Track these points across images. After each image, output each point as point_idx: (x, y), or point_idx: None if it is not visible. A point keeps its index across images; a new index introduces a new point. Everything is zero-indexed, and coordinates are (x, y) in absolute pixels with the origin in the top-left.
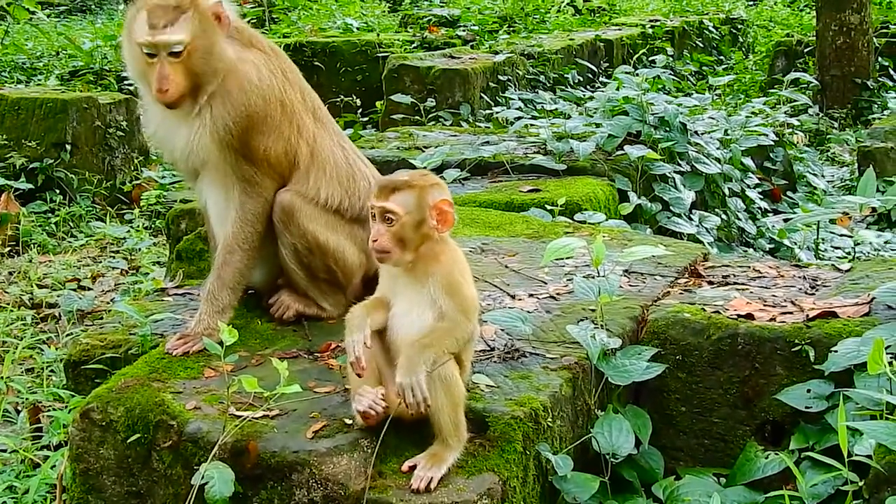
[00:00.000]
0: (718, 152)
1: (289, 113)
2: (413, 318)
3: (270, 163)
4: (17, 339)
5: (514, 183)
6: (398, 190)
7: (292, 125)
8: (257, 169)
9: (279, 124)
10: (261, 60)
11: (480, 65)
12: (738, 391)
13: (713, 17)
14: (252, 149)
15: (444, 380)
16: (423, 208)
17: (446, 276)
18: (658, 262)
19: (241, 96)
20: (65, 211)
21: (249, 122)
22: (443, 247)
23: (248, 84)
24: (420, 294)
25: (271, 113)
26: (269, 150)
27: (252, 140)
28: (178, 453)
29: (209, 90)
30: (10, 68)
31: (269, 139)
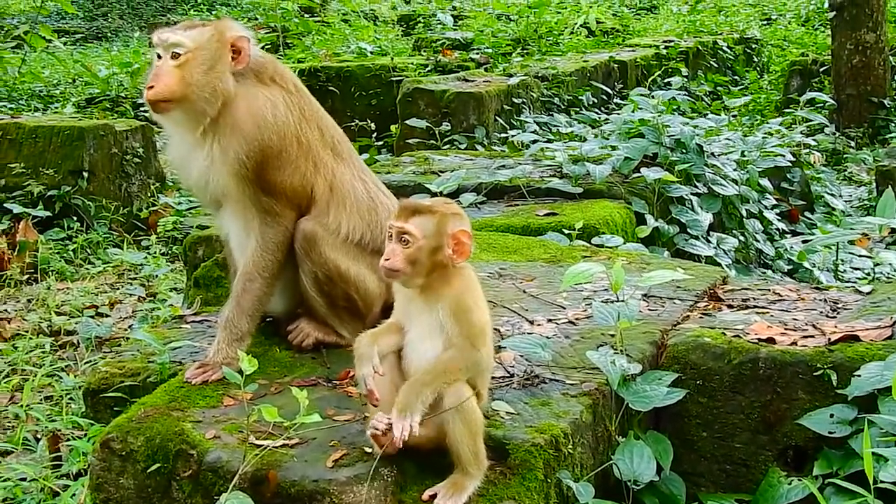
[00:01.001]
0: (735, 174)
1: (305, 149)
2: (426, 345)
3: (288, 195)
4: (36, 366)
5: (530, 207)
6: (419, 213)
7: (308, 161)
8: (276, 201)
9: (295, 159)
10: (278, 98)
11: (494, 87)
12: (760, 416)
13: (727, 37)
14: (269, 182)
15: (460, 409)
16: (442, 235)
17: (455, 300)
18: (677, 285)
19: (254, 131)
20: (82, 238)
21: (263, 157)
22: (457, 272)
23: (262, 120)
24: (431, 319)
25: (287, 148)
26: (285, 183)
27: (268, 174)
28: (198, 483)
29: (208, 114)
30: (28, 96)
31: (284, 173)
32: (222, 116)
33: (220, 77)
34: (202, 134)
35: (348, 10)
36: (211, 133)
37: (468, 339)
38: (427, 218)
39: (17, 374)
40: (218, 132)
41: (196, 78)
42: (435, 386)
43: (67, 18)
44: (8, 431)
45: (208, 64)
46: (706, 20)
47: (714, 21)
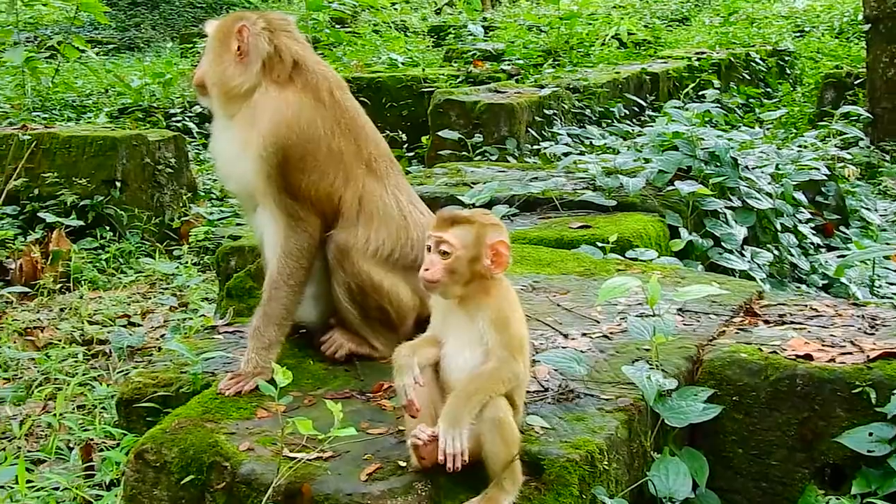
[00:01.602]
0: (770, 187)
1: (336, 159)
2: (466, 356)
3: (313, 201)
4: (69, 375)
5: (563, 219)
6: (458, 224)
7: (338, 170)
8: (300, 205)
9: (322, 166)
10: (307, 102)
11: (526, 99)
12: (797, 433)
13: (760, 49)
14: (292, 184)
15: (496, 423)
16: (480, 246)
17: (495, 311)
18: (712, 300)
19: (272, 128)
20: (115, 247)
21: (284, 157)
22: (495, 283)
23: (283, 119)
24: (470, 331)
25: (312, 153)
26: (310, 188)
27: (291, 176)
28: (232, 495)
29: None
30: (61, 106)
31: (309, 178)
32: (247, 110)
33: (226, 68)
34: (231, 124)
35: (379, 21)
36: (240, 124)
37: (508, 349)
38: (466, 228)
39: (50, 383)
40: (243, 125)
41: (210, 68)
42: (480, 397)
43: (100, 29)
44: (41, 440)
45: (218, 53)
46: (739, 32)
47: (747, 33)
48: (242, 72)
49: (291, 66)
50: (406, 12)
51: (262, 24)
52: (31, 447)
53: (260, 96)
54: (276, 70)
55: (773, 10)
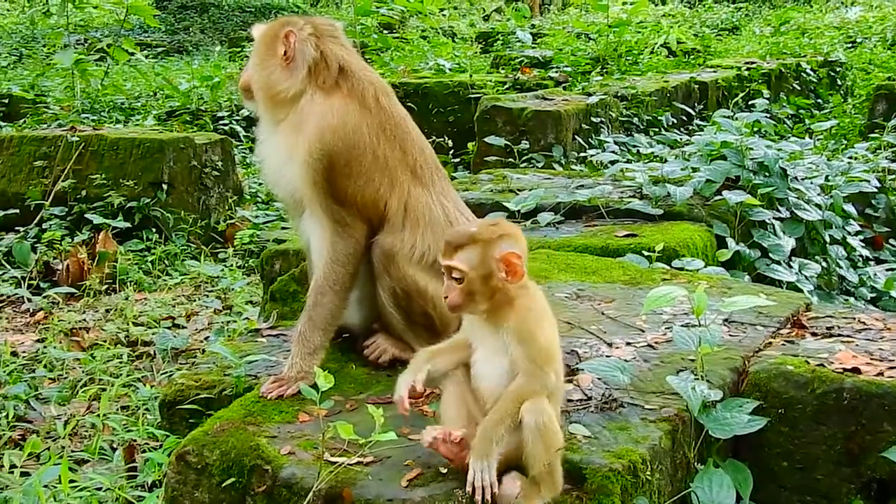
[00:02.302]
0: (819, 198)
1: (381, 165)
2: (494, 364)
3: (359, 206)
4: (114, 376)
5: (609, 227)
6: (461, 247)
7: (383, 177)
8: (347, 211)
9: (367, 172)
10: (352, 108)
11: (573, 106)
12: (843, 447)
13: (811, 59)
14: (337, 189)
15: (538, 427)
16: (489, 263)
17: (519, 324)
18: (759, 311)
19: (317, 134)
20: (160, 249)
21: (329, 162)
22: (519, 292)
23: (327, 126)
24: (496, 341)
25: (357, 158)
26: (356, 193)
27: (337, 182)
28: (273, 498)
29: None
30: (110, 108)
31: (355, 183)
32: (294, 116)
33: (271, 73)
34: (277, 129)
35: (427, 26)
36: (287, 129)
37: (534, 362)
38: (470, 250)
39: (94, 384)
40: (289, 130)
41: (256, 72)
42: (508, 422)
43: (150, 32)
44: (85, 440)
45: (264, 58)
46: (789, 42)
47: (797, 43)
48: (288, 77)
49: (337, 72)
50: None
51: (308, 29)
52: (75, 447)
53: (306, 102)
54: (322, 76)
55: (825, 21)
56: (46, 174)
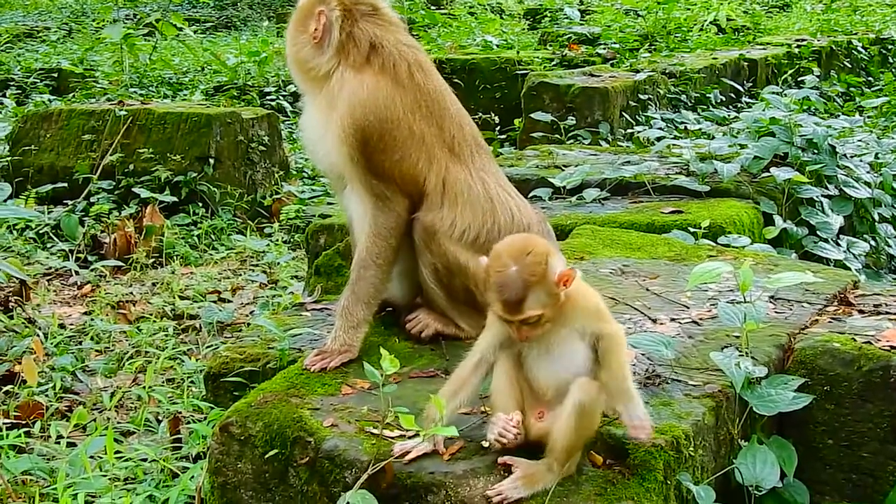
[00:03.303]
0: (868, 176)
1: (417, 140)
2: (562, 352)
3: (397, 181)
4: (159, 349)
5: (655, 204)
6: (524, 298)
7: (420, 152)
8: (386, 185)
9: (403, 146)
10: (384, 84)
11: (620, 83)
12: (890, 425)
13: (862, 37)
14: (375, 164)
15: (578, 406)
16: (552, 289)
17: (583, 313)
18: (806, 288)
19: (350, 110)
20: (207, 224)
21: (364, 137)
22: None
23: (358, 101)
24: (559, 334)
25: (391, 133)
26: (393, 168)
27: (373, 156)
28: (315, 470)
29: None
30: (158, 83)
31: (391, 158)
32: (326, 91)
33: (301, 48)
34: (314, 105)
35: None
36: (321, 105)
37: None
38: (533, 294)
39: (140, 356)
40: (326, 105)
41: (288, 46)
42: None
43: (198, 7)
44: (130, 412)
45: (295, 33)
46: (840, 19)
47: (849, 20)
48: (317, 55)
49: (368, 49)
50: None
51: (340, 8)
52: (121, 419)
53: (337, 79)
54: (352, 54)
55: None
56: (94, 148)
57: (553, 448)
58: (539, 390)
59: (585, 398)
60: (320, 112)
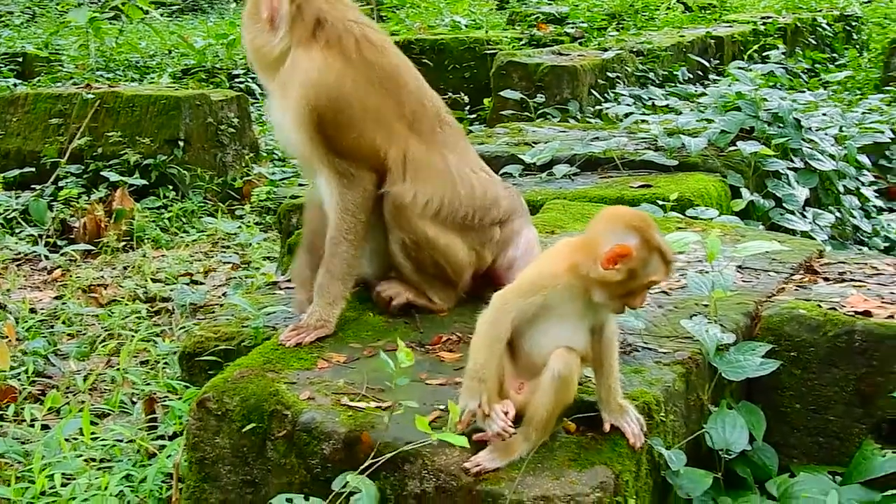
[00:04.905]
0: (833, 149)
1: (373, 117)
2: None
3: (358, 158)
4: (133, 331)
5: (624, 179)
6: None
7: (378, 127)
8: (349, 163)
9: (359, 123)
10: (332, 62)
11: (589, 62)
12: (855, 389)
13: (826, 13)
14: (334, 142)
15: (558, 377)
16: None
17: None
18: (772, 258)
19: (301, 91)
20: (177, 206)
21: (319, 119)
22: None
23: (309, 82)
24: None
25: (344, 111)
26: (352, 146)
27: (331, 136)
28: (293, 443)
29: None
30: (125, 67)
31: (349, 136)
32: (283, 74)
33: (256, 35)
34: (273, 91)
35: None
36: (277, 90)
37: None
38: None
39: (113, 339)
40: (281, 90)
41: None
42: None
43: None
44: (105, 394)
45: (250, 22)
46: None
47: None
48: (271, 37)
49: (314, 24)
50: None
51: None
52: (96, 401)
53: (289, 62)
54: (299, 30)
55: None
56: (62, 132)
57: (531, 418)
58: (537, 361)
59: (564, 369)
60: (278, 97)
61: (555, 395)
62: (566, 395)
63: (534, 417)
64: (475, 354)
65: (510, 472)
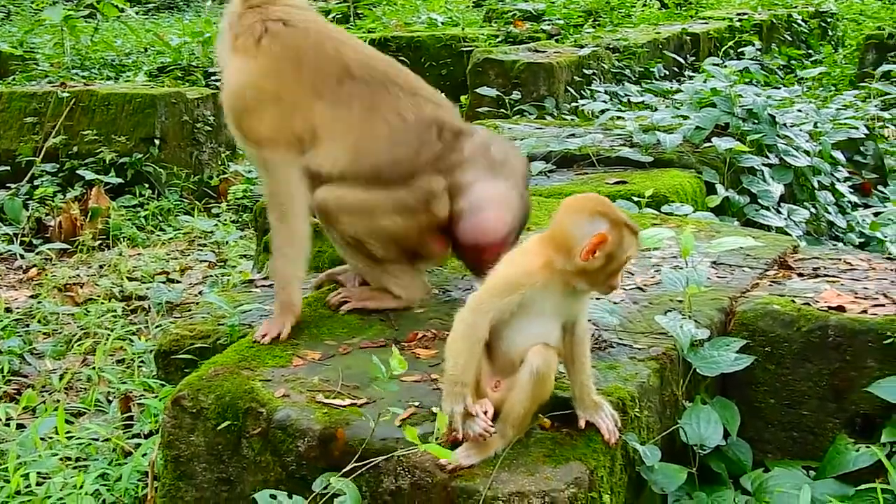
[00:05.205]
0: (808, 145)
1: (271, 96)
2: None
3: (266, 139)
4: (108, 330)
5: (600, 175)
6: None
7: (277, 105)
8: (260, 146)
9: (259, 109)
10: (241, 64)
11: (565, 59)
12: (828, 384)
13: (802, 10)
14: (246, 133)
15: (536, 374)
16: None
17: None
18: (747, 253)
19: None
20: (153, 205)
21: (234, 116)
22: None
23: (227, 87)
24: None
25: (249, 103)
26: (259, 131)
27: (243, 127)
28: (268, 440)
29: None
30: (100, 65)
31: (255, 122)
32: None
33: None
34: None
35: None
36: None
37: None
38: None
39: (89, 338)
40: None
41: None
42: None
43: None
44: (81, 393)
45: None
46: None
47: None
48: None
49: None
50: None
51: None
52: (71, 400)
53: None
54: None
55: None
56: (37, 130)
57: (507, 415)
58: (514, 359)
59: (542, 365)
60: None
61: (532, 392)
62: (543, 392)
63: (510, 414)
64: (455, 358)
65: (485, 469)
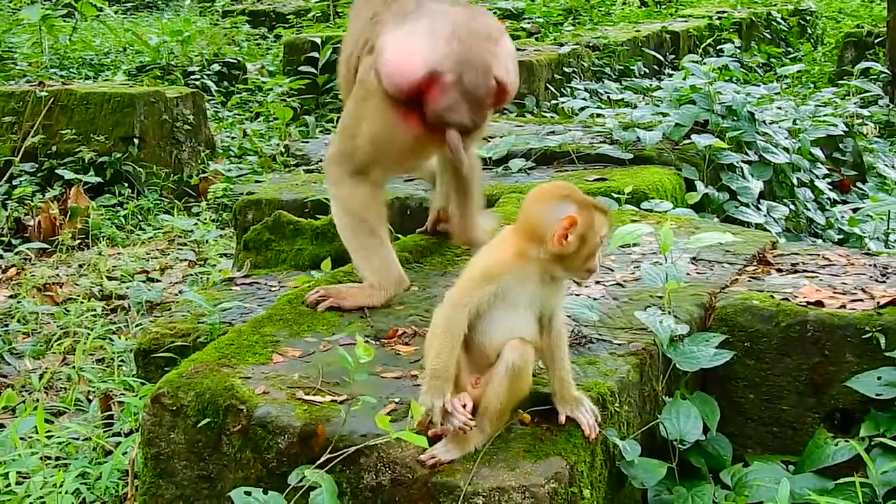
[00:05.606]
0: (787, 142)
1: None
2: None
3: None
4: (88, 329)
5: (580, 172)
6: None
7: None
8: None
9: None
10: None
11: (545, 57)
12: (808, 378)
13: (781, 8)
14: None
15: (513, 368)
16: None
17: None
18: (726, 249)
19: None
20: (133, 204)
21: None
22: None
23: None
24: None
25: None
26: None
27: None
28: (248, 437)
29: None
30: (79, 64)
31: None
32: None
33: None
34: None
35: None
36: None
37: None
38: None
39: (69, 337)
40: None
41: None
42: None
43: None
44: (61, 392)
45: None
46: None
47: None
48: None
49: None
50: None
51: None
52: (51, 399)
53: None
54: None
55: None
56: (15, 130)
57: (486, 410)
58: (490, 352)
59: (519, 359)
60: None
61: (509, 386)
62: (521, 386)
63: (488, 409)
64: (436, 352)
65: (465, 464)
